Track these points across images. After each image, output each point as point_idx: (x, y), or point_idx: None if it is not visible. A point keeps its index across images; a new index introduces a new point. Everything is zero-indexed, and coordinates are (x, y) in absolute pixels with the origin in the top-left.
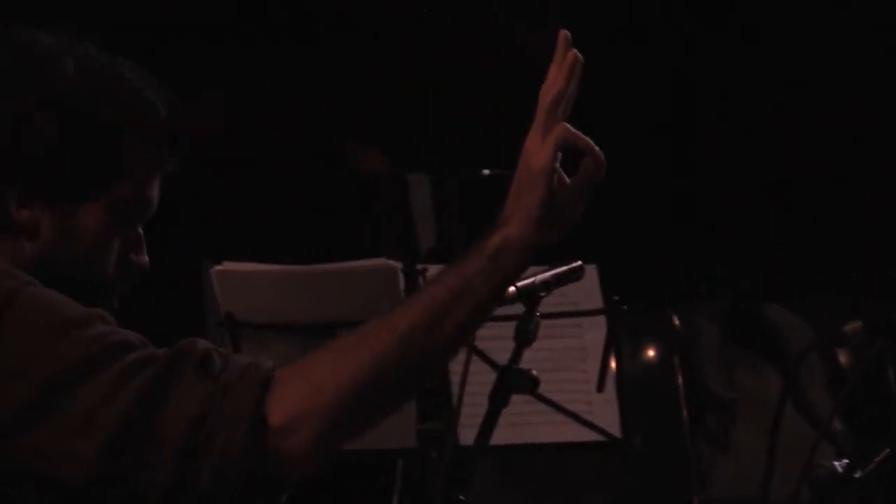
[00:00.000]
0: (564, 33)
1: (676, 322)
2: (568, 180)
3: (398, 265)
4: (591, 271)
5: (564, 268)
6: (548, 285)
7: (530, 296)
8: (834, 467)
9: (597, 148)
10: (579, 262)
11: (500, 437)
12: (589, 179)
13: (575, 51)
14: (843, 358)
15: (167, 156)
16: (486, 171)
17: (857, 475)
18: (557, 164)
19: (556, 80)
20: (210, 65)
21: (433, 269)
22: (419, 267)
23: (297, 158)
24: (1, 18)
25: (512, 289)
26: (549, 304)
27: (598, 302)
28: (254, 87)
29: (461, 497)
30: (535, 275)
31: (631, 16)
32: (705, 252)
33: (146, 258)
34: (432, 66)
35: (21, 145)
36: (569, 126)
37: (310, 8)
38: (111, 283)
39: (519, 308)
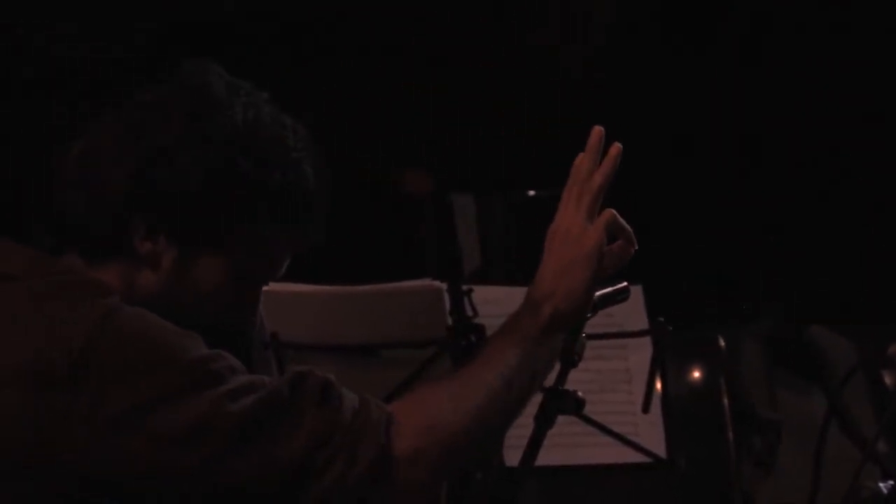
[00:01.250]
0: (599, 129)
1: (722, 344)
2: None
3: (443, 286)
4: (637, 292)
5: (610, 289)
6: (594, 306)
7: None
8: (879, 489)
9: (632, 233)
10: (625, 284)
11: (545, 458)
12: (617, 263)
13: (618, 144)
14: (888, 379)
15: (307, 232)
16: (532, 192)
17: None
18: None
19: (601, 169)
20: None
21: (478, 290)
22: (464, 288)
23: (341, 179)
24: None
25: None
26: (594, 325)
27: (643, 323)
28: (299, 109)
29: None
30: None
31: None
32: (750, 273)
33: (254, 322)
34: (478, 87)
35: (162, 177)
36: (615, 213)
37: (353, 32)
38: (242, 344)
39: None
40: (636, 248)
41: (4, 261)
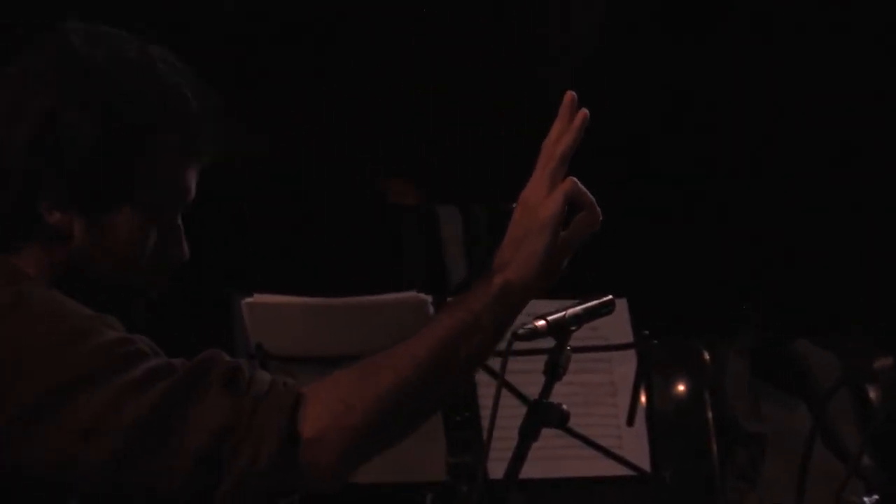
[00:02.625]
0: (571, 94)
1: (706, 357)
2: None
3: (428, 298)
4: (622, 305)
5: (595, 302)
6: (578, 319)
7: (561, 329)
8: (863, 502)
9: (595, 204)
10: (610, 297)
11: (529, 471)
12: (582, 233)
13: (585, 110)
14: (872, 393)
15: (201, 148)
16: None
17: None
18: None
19: (563, 137)
20: (242, 96)
21: None
22: (449, 299)
23: (328, 190)
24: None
25: (542, 322)
26: (579, 337)
27: (628, 336)
28: (285, 119)
29: None
30: (565, 308)
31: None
32: (734, 287)
33: (185, 249)
34: (464, 99)
35: (53, 147)
36: (577, 181)
37: (340, 41)
38: (145, 283)
39: (549, 342)
40: (601, 218)
41: None
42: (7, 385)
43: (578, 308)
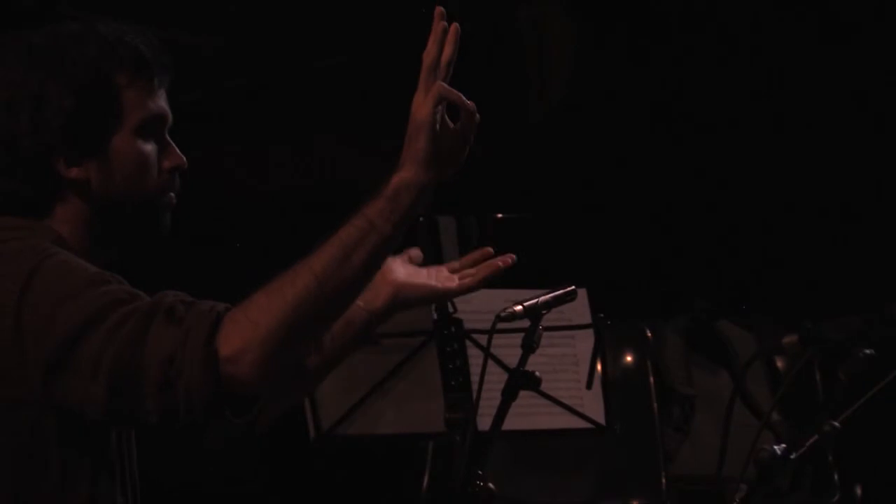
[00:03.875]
0: (440, 9)
1: (649, 334)
2: (452, 126)
3: None
4: (582, 294)
5: (561, 291)
6: (548, 305)
7: (534, 313)
8: (774, 450)
9: (468, 102)
10: (573, 287)
11: (510, 424)
12: (466, 126)
13: (455, 24)
14: (780, 364)
15: (159, 77)
16: (499, 215)
17: (791, 456)
18: (439, 116)
19: (432, 49)
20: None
21: None
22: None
23: (345, 201)
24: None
25: (520, 307)
26: (549, 319)
27: (587, 318)
28: (279, 130)
29: (479, 472)
30: (538, 297)
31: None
32: (672, 278)
33: (181, 157)
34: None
35: (49, 119)
36: (444, 84)
37: (350, 67)
38: (160, 198)
39: (525, 323)
40: (477, 116)
41: None
42: (38, 335)
43: (548, 296)
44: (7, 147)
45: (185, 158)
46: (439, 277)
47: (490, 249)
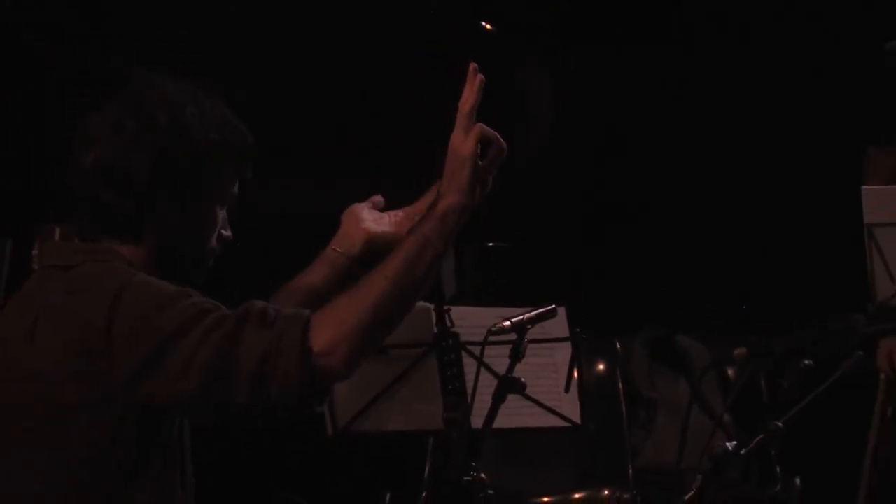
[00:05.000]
0: (473, 65)
1: (618, 346)
2: (481, 164)
3: (431, 306)
4: (562, 312)
5: (543, 309)
6: (532, 321)
7: (520, 328)
8: (725, 447)
9: (500, 139)
10: (553, 306)
11: (499, 423)
12: (495, 161)
13: (481, 76)
14: (731, 372)
15: (248, 166)
16: (490, 243)
17: (741, 452)
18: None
19: (469, 97)
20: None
21: (454, 309)
22: (445, 307)
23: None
24: None
25: (508, 323)
26: (533, 333)
27: (565, 332)
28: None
29: (473, 464)
30: (524, 314)
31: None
32: (638, 298)
33: (230, 232)
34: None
35: (165, 166)
36: (483, 125)
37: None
38: (211, 251)
39: (512, 336)
40: (506, 149)
41: (62, 255)
42: (132, 345)
43: (532, 314)
44: (125, 174)
45: (231, 234)
46: (399, 224)
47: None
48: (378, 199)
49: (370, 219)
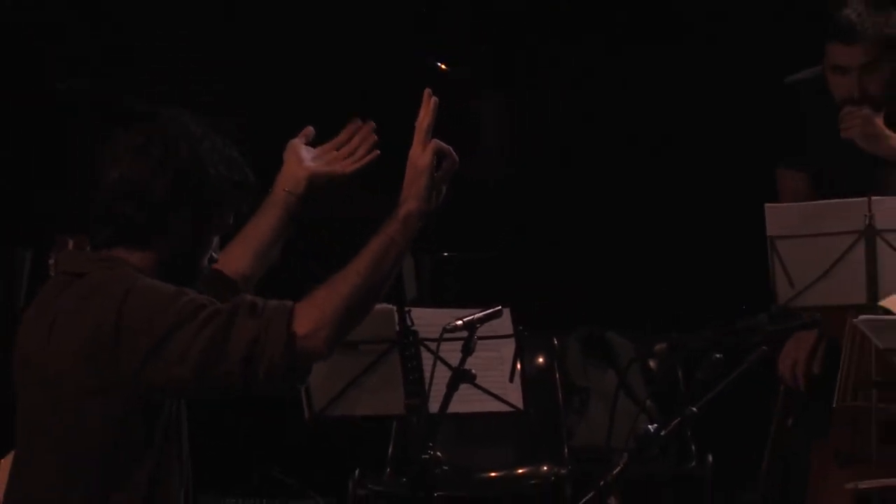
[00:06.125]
0: (428, 90)
1: (555, 342)
2: (436, 174)
3: (393, 308)
4: (506, 313)
5: (491, 310)
6: (481, 320)
7: (471, 326)
8: (648, 429)
9: (454, 153)
10: (500, 307)
11: (453, 408)
12: (448, 172)
13: (435, 98)
14: (653, 364)
15: (247, 201)
16: (446, 253)
17: (661, 433)
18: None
19: (425, 117)
20: None
21: (414, 311)
22: (406, 309)
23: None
24: None
25: (460, 322)
26: (482, 331)
27: (510, 330)
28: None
29: (430, 444)
30: (474, 315)
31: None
32: (573, 301)
33: (218, 255)
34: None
35: (185, 191)
36: (438, 140)
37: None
38: (202, 268)
39: (464, 333)
40: (458, 161)
41: (76, 263)
42: (136, 339)
43: (481, 314)
44: (144, 191)
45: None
46: (333, 160)
47: (360, 123)
48: (309, 130)
49: (309, 157)
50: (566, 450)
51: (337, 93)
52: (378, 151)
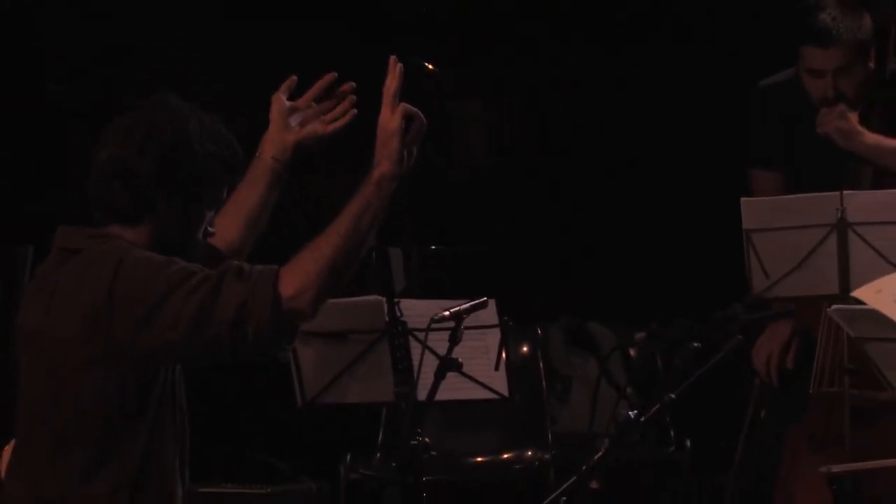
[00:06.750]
0: (393, 58)
1: (539, 332)
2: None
3: (383, 299)
4: (492, 304)
5: (477, 301)
6: (468, 311)
7: (458, 317)
8: (628, 414)
9: (421, 115)
10: (485, 299)
11: (440, 396)
12: (418, 134)
13: (400, 64)
14: (633, 353)
15: (237, 176)
16: (433, 247)
17: (641, 419)
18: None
19: (392, 82)
20: None
21: (403, 302)
22: (395, 300)
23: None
24: None
25: (447, 313)
26: (468, 321)
27: (495, 320)
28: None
29: (418, 430)
30: (461, 305)
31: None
32: (556, 293)
33: (214, 229)
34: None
35: (169, 167)
36: (406, 104)
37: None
38: (197, 243)
39: (451, 323)
40: (425, 122)
41: (73, 239)
42: (129, 308)
43: (468, 305)
44: (132, 170)
45: (214, 231)
46: (312, 117)
47: (333, 75)
48: (292, 81)
49: (294, 120)
50: (550, 435)
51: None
52: (356, 111)
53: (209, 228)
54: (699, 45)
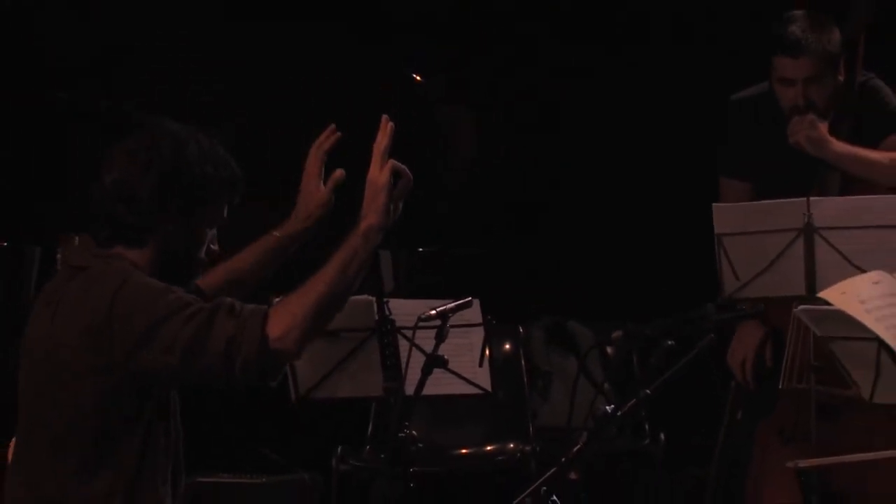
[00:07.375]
0: (385, 117)
1: (521, 330)
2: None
3: (373, 299)
4: (476, 303)
5: (462, 301)
6: (453, 310)
7: (444, 316)
8: (606, 409)
9: (408, 172)
10: (470, 298)
11: (427, 391)
12: (404, 190)
13: (391, 123)
14: (610, 351)
15: (236, 195)
16: (421, 249)
17: (617, 414)
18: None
19: (382, 139)
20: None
21: (392, 302)
22: (384, 300)
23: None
24: None
25: (434, 312)
26: (454, 320)
27: (479, 319)
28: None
29: (406, 423)
30: (446, 305)
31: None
32: (537, 293)
33: (217, 246)
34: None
35: (169, 189)
36: (395, 161)
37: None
38: (200, 262)
39: (438, 322)
40: (412, 179)
41: (80, 258)
42: (129, 326)
43: (453, 304)
44: (134, 193)
45: (219, 248)
46: (321, 192)
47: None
48: (334, 134)
49: (322, 196)
50: (531, 429)
51: (335, 92)
52: (339, 134)
53: (212, 246)
54: (685, 50)
